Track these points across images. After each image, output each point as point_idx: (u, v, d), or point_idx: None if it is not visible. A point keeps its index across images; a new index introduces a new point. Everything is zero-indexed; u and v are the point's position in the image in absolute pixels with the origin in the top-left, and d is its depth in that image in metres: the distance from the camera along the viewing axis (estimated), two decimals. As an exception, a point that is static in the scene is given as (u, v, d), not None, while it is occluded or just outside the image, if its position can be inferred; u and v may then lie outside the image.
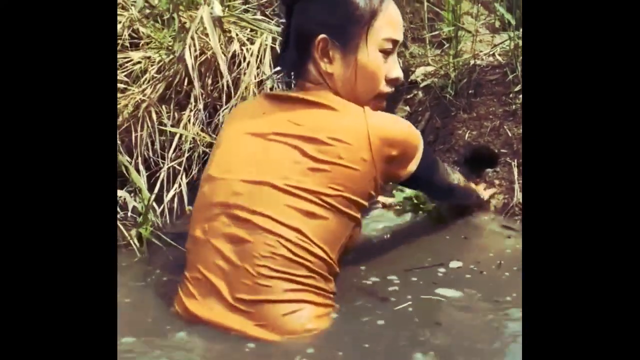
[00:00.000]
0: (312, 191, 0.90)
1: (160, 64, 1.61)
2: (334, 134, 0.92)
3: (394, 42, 1.01)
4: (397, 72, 1.04)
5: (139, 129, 1.52)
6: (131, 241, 1.19)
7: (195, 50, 1.50)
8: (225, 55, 1.53)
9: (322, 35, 0.97)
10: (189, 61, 1.43)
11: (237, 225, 0.91)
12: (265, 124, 0.97)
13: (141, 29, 1.72)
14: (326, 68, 0.99)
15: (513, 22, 1.61)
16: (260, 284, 0.87)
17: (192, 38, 1.46)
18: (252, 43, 1.63)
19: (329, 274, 0.93)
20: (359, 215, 0.97)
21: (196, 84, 1.49)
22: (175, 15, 1.52)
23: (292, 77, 1.10)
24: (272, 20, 1.73)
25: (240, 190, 0.93)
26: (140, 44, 1.70)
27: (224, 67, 1.44)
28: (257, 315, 0.87)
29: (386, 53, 1.00)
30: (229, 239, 0.91)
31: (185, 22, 1.54)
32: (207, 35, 1.55)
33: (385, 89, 1.03)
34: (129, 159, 1.47)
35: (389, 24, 0.99)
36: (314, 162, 0.92)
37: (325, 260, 0.92)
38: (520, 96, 1.56)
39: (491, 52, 1.73)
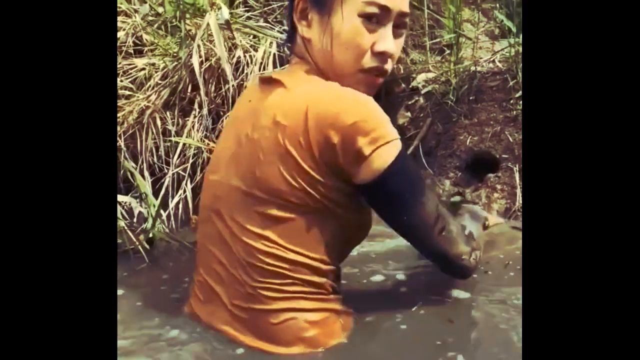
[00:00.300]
0: (269, 190, 0.80)
1: (165, 70, 1.63)
2: (276, 115, 0.80)
3: (382, 7, 0.82)
4: (384, 45, 0.84)
5: (143, 135, 1.53)
6: (139, 246, 1.19)
7: (200, 57, 1.52)
8: (229, 62, 1.54)
9: None
10: (196, 67, 1.45)
11: (222, 231, 0.86)
12: (246, 114, 0.88)
13: (144, 36, 1.73)
14: (302, 32, 0.87)
15: (513, 29, 1.63)
16: (248, 292, 0.83)
17: (198, 45, 1.48)
18: (255, 50, 1.65)
19: (317, 275, 0.84)
20: (333, 207, 0.81)
21: (202, 90, 1.50)
22: (182, 22, 1.53)
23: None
24: (275, 27, 1.74)
25: (220, 194, 0.87)
26: (144, 51, 1.71)
27: (229, 73, 1.45)
28: (252, 324, 0.84)
29: (369, 19, 0.83)
30: (220, 244, 0.86)
31: (190, 30, 1.56)
32: (211, 42, 1.57)
33: (371, 62, 0.85)
34: (134, 165, 1.48)
35: None
36: (264, 155, 0.81)
37: (306, 264, 0.82)
38: (521, 102, 1.58)
39: (491, 59, 1.75)
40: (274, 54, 1.64)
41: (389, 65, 0.87)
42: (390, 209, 0.83)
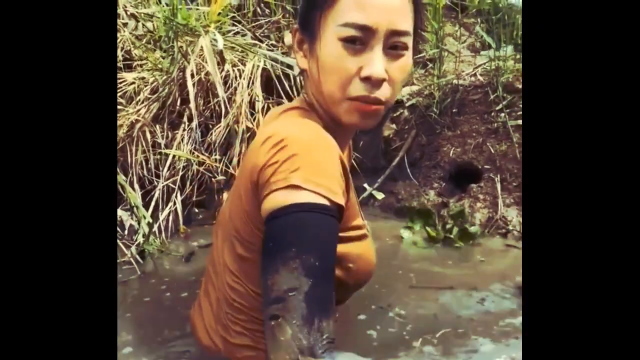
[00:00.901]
0: (235, 227, 0.79)
1: (154, 84, 1.65)
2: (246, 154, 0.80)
3: (361, 28, 0.74)
4: (370, 70, 0.74)
5: (133, 148, 1.55)
6: (131, 259, 1.21)
7: (190, 70, 1.55)
8: (219, 80, 1.57)
9: (295, 25, 0.84)
10: (190, 86, 1.48)
11: (216, 254, 0.86)
12: None
13: (134, 51, 1.76)
14: (299, 62, 0.84)
15: (493, 44, 1.69)
16: (223, 321, 0.82)
17: (189, 61, 1.51)
18: (244, 64, 1.68)
19: None
20: None
21: (192, 104, 1.53)
22: (174, 42, 1.56)
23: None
24: (263, 42, 1.78)
25: (221, 220, 0.87)
26: (134, 65, 1.74)
27: (220, 90, 1.49)
28: (224, 351, 0.82)
29: (352, 42, 0.75)
30: (213, 266, 0.86)
31: (181, 46, 1.59)
32: (200, 56, 1.60)
33: (359, 90, 0.76)
34: (124, 178, 1.50)
35: (357, 5, 0.74)
36: (234, 191, 0.81)
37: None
38: (502, 114, 1.64)
39: (473, 72, 1.80)
40: (262, 68, 1.67)
41: (383, 91, 0.77)
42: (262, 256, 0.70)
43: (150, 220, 1.35)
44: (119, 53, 1.70)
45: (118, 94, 1.63)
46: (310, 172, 0.67)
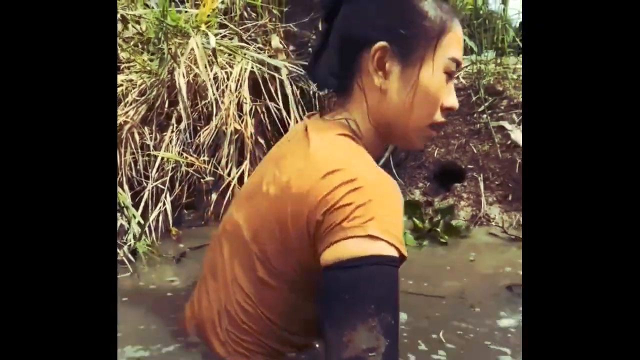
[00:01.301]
0: (262, 248, 0.75)
1: (142, 86, 1.66)
2: (290, 179, 0.73)
3: (458, 64, 0.82)
4: (452, 100, 0.82)
5: (122, 149, 1.56)
6: (124, 258, 1.22)
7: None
8: (211, 82, 1.59)
9: (382, 43, 0.78)
10: (183, 87, 1.49)
11: (218, 265, 0.83)
12: (279, 156, 0.82)
13: (121, 54, 1.77)
14: (380, 83, 0.80)
15: (475, 48, 1.74)
16: (221, 339, 0.81)
17: (179, 64, 1.52)
18: (232, 67, 1.70)
19: (287, 346, 0.79)
20: (316, 284, 0.71)
21: (181, 106, 1.55)
22: (164, 44, 1.57)
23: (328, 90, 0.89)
24: (251, 45, 1.81)
25: (228, 229, 0.83)
26: (121, 68, 1.75)
27: (210, 89, 1.50)
28: None
29: (449, 76, 0.81)
30: (213, 276, 0.84)
31: (170, 48, 1.60)
32: (188, 58, 1.62)
33: (440, 118, 0.82)
34: (113, 179, 1.50)
35: (456, 42, 0.81)
36: (268, 211, 0.75)
37: (277, 332, 0.78)
38: (484, 116, 1.69)
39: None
40: (250, 71, 1.70)
41: None
42: (325, 306, 0.66)
43: (141, 220, 1.36)
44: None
45: (106, 96, 1.64)
46: (386, 222, 0.66)
